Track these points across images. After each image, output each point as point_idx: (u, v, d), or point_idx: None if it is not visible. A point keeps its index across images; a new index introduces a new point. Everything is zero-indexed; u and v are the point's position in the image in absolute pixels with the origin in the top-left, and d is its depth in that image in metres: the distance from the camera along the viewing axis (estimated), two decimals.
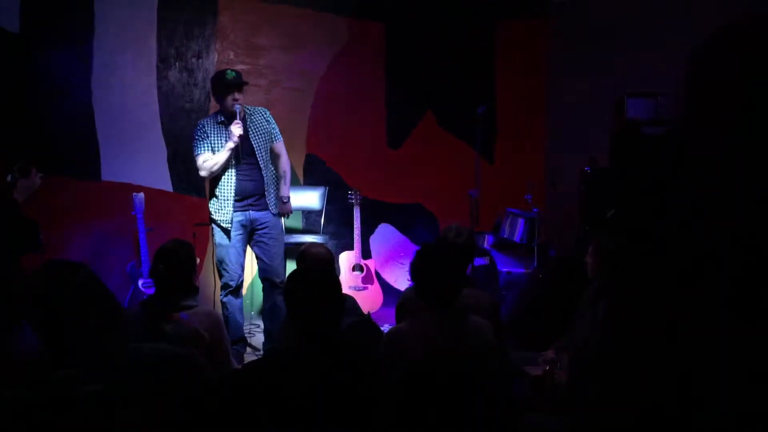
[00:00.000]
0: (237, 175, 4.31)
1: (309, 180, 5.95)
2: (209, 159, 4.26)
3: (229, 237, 4.40)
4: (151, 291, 4.93)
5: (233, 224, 4.36)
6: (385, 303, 5.33)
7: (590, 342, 2.95)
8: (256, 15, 5.79)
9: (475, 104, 4.97)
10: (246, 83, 4.41)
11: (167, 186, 5.62)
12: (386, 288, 5.81)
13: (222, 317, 2.90)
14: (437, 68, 6.17)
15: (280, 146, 4.57)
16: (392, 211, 6.21)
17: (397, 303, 3.36)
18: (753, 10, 3.94)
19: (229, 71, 4.34)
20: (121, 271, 5.15)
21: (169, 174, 5.62)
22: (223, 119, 4.34)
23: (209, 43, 5.69)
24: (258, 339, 5.05)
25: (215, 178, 4.32)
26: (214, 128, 4.32)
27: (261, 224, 4.44)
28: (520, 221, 5.25)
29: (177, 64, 5.62)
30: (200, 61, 5.68)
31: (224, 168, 4.27)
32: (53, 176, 5.28)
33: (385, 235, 6.23)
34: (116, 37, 5.43)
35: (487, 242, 5.58)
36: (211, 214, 4.42)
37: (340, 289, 2.18)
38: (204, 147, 4.28)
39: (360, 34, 6.05)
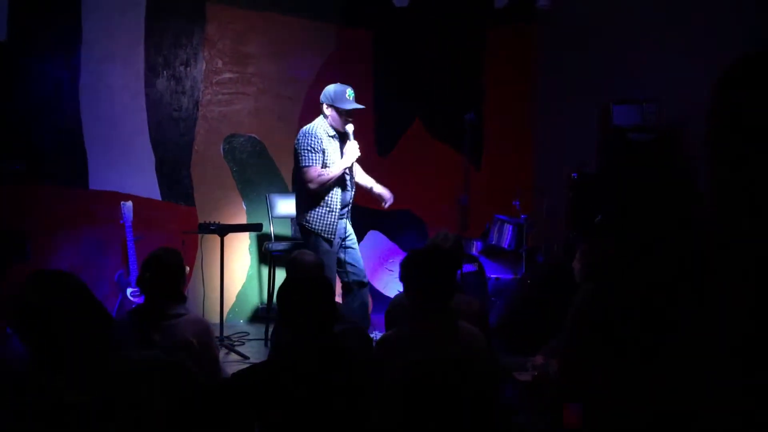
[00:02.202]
0: (341, 186, 4.41)
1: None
2: (323, 174, 4.28)
3: (330, 244, 4.39)
4: (140, 300, 4.91)
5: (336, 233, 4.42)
6: (375, 310, 5.33)
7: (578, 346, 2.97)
8: (243, 23, 5.80)
9: (463, 111, 5.00)
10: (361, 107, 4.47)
11: (155, 194, 5.61)
12: (376, 295, 5.81)
13: (210, 325, 2.90)
14: (425, 75, 6.20)
15: None
16: (381, 218, 6.22)
17: (387, 309, 3.37)
18: (736, 14, 3.99)
19: (349, 89, 4.40)
20: (110, 280, 5.12)
21: (157, 182, 5.61)
22: (334, 134, 4.41)
23: (197, 52, 5.70)
24: (247, 347, 5.03)
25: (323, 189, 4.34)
26: (329, 142, 4.38)
27: (347, 233, 4.56)
28: (509, 227, 5.28)
29: (165, 72, 5.62)
30: (188, 69, 5.68)
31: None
32: (41, 185, 5.27)
33: (374, 241, 6.24)
34: (104, 45, 5.42)
35: (475, 248, 5.60)
36: (309, 224, 4.36)
37: (333, 295, 2.20)
38: (316, 160, 4.28)
39: (348, 42, 6.08)
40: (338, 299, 4.25)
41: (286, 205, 5.70)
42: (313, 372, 2.00)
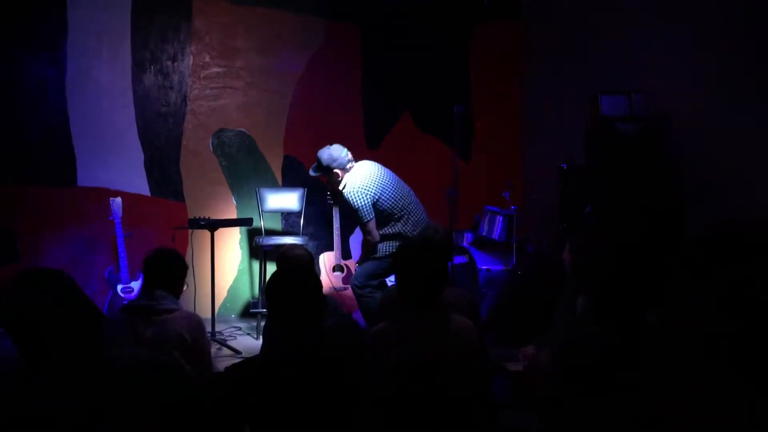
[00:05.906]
0: None
1: (288, 182, 5.95)
2: None
3: None
4: (131, 296, 4.91)
5: None
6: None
7: (570, 337, 2.99)
8: (230, 17, 5.77)
9: (452, 104, 5.00)
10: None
11: (144, 190, 5.59)
12: None
13: (202, 320, 2.90)
14: (413, 69, 6.20)
15: None
16: None
17: (379, 301, 3.37)
18: (723, 6, 4.01)
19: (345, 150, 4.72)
20: (100, 277, 5.11)
21: (146, 178, 5.60)
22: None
23: (184, 46, 5.67)
24: (239, 342, 5.04)
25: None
26: None
27: None
28: (499, 219, 5.29)
29: (152, 67, 5.59)
30: (175, 64, 5.65)
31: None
32: (28, 183, 5.24)
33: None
34: (90, 41, 5.39)
35: (466, 240, 5.62)
36: None
37: (321, 291, 2.20)
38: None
39: (336, 36, 6.06)
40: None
41: (276, 200, 5.70)
42: (301, 367, 2.01)
